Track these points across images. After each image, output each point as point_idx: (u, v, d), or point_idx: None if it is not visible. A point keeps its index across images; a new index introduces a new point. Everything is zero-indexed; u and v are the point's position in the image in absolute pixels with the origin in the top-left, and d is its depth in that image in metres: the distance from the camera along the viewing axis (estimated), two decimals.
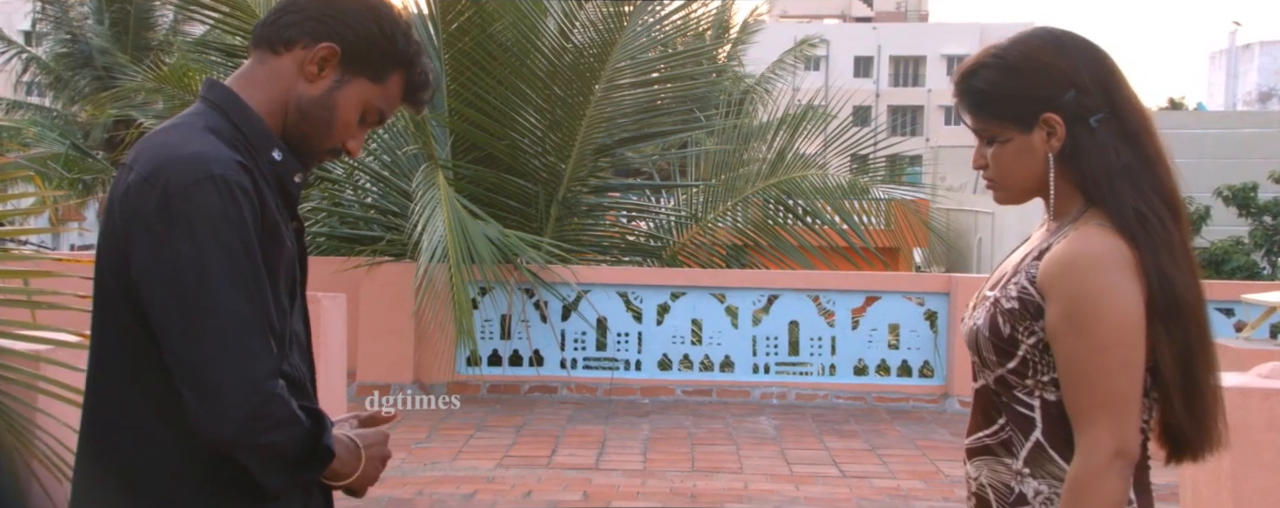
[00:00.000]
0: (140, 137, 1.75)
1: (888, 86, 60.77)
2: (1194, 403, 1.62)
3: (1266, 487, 3.40)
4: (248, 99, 1.59)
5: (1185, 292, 1.59)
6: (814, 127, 10.77)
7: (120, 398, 1.56)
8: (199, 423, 1.46)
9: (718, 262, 10.38)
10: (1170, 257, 1.58)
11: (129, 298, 1.50)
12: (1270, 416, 3.41)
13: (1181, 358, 1.59)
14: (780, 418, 7.80)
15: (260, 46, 1.62)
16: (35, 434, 2.90)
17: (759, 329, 8.67)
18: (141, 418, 1.54)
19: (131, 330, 1.52)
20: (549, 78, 9.22)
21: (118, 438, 1.56)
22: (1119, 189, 1.59)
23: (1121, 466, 1.57)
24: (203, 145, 1.50)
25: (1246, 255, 14.81)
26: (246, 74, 1.63)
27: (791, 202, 10.49)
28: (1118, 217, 1.59)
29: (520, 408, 7.97)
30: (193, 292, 1.44)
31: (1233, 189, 15.04)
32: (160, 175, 1.46)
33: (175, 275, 1.44)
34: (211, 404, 1.44)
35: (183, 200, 1.44)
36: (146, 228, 1.46)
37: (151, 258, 1.46)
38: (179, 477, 1.53)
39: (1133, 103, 1.64)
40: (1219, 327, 8.43)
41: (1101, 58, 1.64)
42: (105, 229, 1.53)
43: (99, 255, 1.55)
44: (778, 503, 5.46)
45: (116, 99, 12.35)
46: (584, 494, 5.58)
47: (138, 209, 1.46)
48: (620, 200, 11.58)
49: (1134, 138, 1.61)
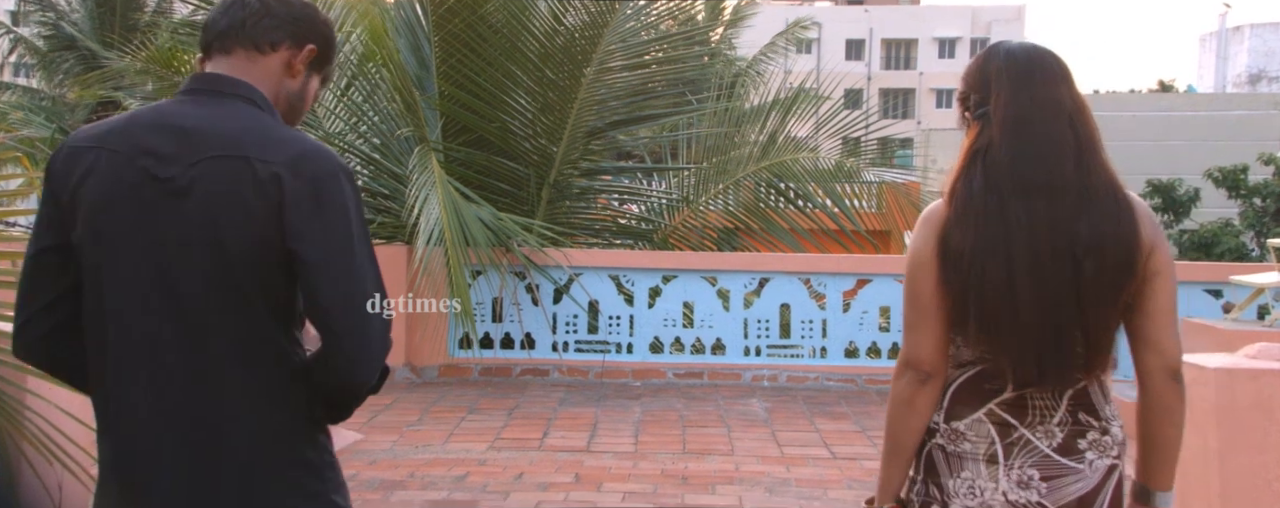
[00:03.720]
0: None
1: (879, 69, 60.74)
2: (980, 330, 1.94)
3: (1253, 466, 3.42)
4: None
5: (960, 246, 1.95)
6: (805, 110, 10.75)
7: (231, 379, 1.73)
8: (346, 370, 1.72)
9: (709, 245, 10.38)
10: (961, 218, 1.95)
11: (263, 272, 1.71)
12: (1258, 396, 3.43)
13: (962, 297, 1.94)
14: (771, 400, 7.82)
15: (245, 45, 1.82)
16: (25, 415, 2.90)
17: (750, 312, 8.69)
18: (253, 393, 1.74)
19: (254, 307, 1.72)
20: (540, 60, 9.19)
21: (232, 417, 1.74)
22: (967, 165, 2.00)
23: (907, 372, 2.01)
24: (309, 139, 1.79)
25: (1236, 237, 14.87)
26: (244, 71, 1.82)
27: (783, 185, 10.49)
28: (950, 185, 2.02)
29: (512, 391, 7.98)
30: (348, 263, 1.71)
31: (1223, 171, 15.09)
32: (304, 167, 1.71)
33: (338, 248, 1.70)
34: (363, 353, 1.71)
35: (329, 188, 1.71)
36: (301, 206, 1.69)
37: (311, 235, 1.69)
38: (284, 439, 1.77)
39: (1000, 100, 1.99)
40: (1207, 308, 8.47)
41: (983, 67, 2.05)
42: (226, 216, 1.69)
43: (218, 239, 1.70)
44: (769, 485, 5.48)
45: (103, 80, 12.27)
46: (576, 477, 5.59)
47: (290, 192, 1.69)
48: (612, 183, 11.56)
49: (997, 130, 1.98)
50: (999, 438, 1.97)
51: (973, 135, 2.04)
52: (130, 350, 1.74)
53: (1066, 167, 1.95)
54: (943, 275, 1.97)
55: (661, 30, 10.64)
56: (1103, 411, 2.01)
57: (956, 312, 1.96)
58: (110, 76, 11.79)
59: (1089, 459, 1.98)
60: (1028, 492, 1.96)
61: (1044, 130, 1.96)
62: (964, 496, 1.98)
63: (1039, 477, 1.96)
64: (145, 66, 10.09)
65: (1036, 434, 1.97)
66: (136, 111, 1.83)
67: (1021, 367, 1.93)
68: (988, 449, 1.97)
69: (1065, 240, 1.93)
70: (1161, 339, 2.00)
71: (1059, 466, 1.97)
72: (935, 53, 61.39)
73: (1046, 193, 1.94)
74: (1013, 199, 1.94)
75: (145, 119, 1.78)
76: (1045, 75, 2.01)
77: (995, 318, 1.93)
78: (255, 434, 1.75)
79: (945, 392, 2.02)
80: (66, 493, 3.24)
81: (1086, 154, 1.97)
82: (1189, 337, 7.33)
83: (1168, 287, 1.99)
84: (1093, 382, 2.01)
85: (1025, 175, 1.95)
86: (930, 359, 1.99)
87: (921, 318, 1.99)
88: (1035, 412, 1.97)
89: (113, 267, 1.73)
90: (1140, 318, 2.00)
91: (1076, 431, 1.98)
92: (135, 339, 1.74)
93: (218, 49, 1.83)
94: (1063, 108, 1.99)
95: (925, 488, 2.03)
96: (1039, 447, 1.97)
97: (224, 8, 1.84)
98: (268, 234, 1.69)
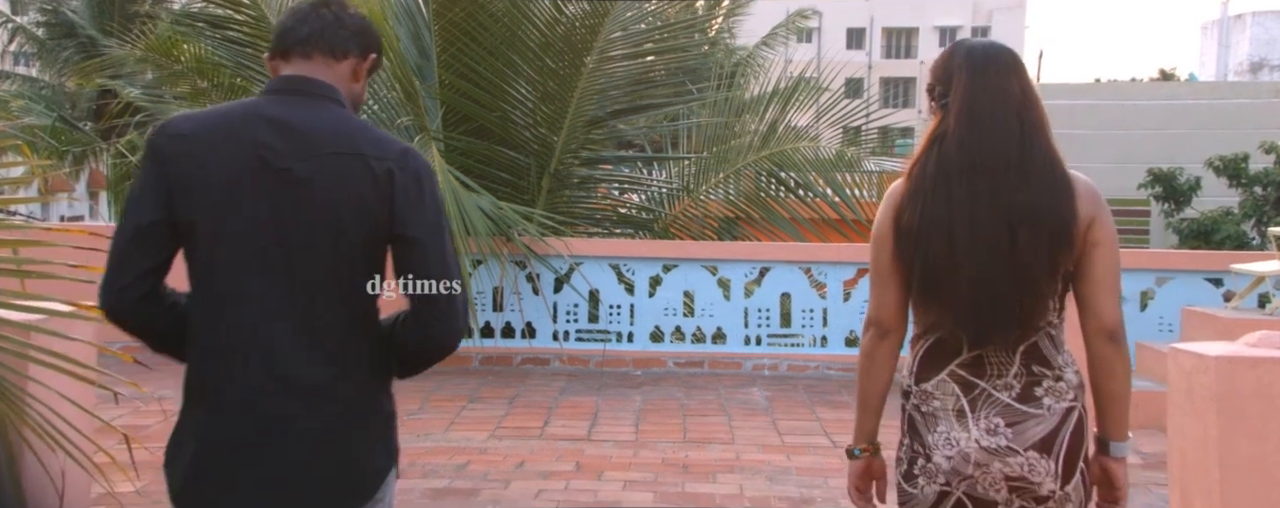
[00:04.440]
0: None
1: (880, 58, 60.63)
2: (929, 296, 2.22)
3: (1253, 454, 3.43)
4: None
5: (909, 221, 2.20)
6: (806, 99, 10.73)
7: (333, 345, 2.00)
8: (438, 330, 2.03)
9: (710, 234, 10.37)
10: (912, 197, 2.21)
11: (368, 252, 2.00)
12: (1258, 384, 3.43)
13: (911, 266, 2.21)
14: (772, 389, 7.83)
15: (323, 52, 2.07)
16: (28, 403, 2.90)
17: (751, 301, 8.69)
18: (349, 358, 2.01)
19: (357, 281, 2.00)
20: (541, 49, 9.17)
21: (333, 379, 1.99)
22: (926, 149, 2.24)
23: (870, 329, 2.30)
24: (399, 139, 2.08)
25: (1236, 225, 14.85)
26: (323, 74, 2.06)
27: (783, 174, 10.47)
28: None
29: (513, 380, 7.99)
30: (441, 243, 2.02)
31: (1224, 160, 15.05)
32: (410, 163, 2.01)
33: (438, 234, 2.02)
34: (453, 316, 2.02)
35: (429, 181, 2.03)
36: (408, 198, 1.99)
37: (414, 219, 1.99)
38: (371, 395, 2.06)
39: (957, 91, 2.22)
40: (1208, 296, 8.47)
41: (947, 62, 2.28)
42: (345, 205, 1.96)
43: (338, 223, 1.96)
44: (769, 473, 5.49)
45: (103, 69, 12.26)
46: (576, 465, 5.60)
47: (399, 185, 1.98)
48: (612, 173, 11.55)
49: (953, 116, 2.21)
50: (963, 394, 2.22)
51: (935, 122, 2.26)
52: (242, 320, 1.96)
53: (1010, 148, 2.17)
54: (896, 248, 2.23)
55: (662, 19, 10.62)
56: (1054, 360, 2.22)
57: (908, 279, 2.23)
58: (109, 65, 11.78)
59: (1047, 404, 2.19)
60: (996, 438, 2.18)
61: (991, 115, 2.19)
62: (943, 447, 2.23)
63: (1004, 424, 2.18)
64: (145, 55, 10.08)
65: (996, 387, 2.20)
66: (229, 106, 2.04)
67: (964, 328, 2.18)
68: (955, 405, 2.22)
69: (1002, 213, 2.14)
70: (1100, 304, 2.19)
71: (1020, 412, 2.18)
72: (936, 41, 61.23)
73: (989, 172, 2.16)
74: (958, 178, 2.17)
75: (250, 113, 2.00)
76: (997, 68, 2.22)
77: (938, 285, 2.19)
78: (351, 393, 2.01)
79: (914, 359, 2.29)
80: (69, 480, 3.25)
81: (1030, 136, 2.18)
82: (1189, 325, 7.34)
83: (1107, 257, 2.19)
84: (1041, 337, 2.21)
85: (972, 156, 2.18)
86: (889, 319, 2.28)
87: (881, 284, 2.28)
88: (992, 368, 2.21)
89: (230, 244, 1.95)
90: (1081, 285, 2.20)
91: (1032, 381, 2.20)
92: (248, 309, 1.96)
93: (299, 53, 2.07)
94: (1011, 96, 2.20)
95: (911, 446, 2.29)
96: (1000, 398, 2.20)
97: (302, 17, 2.08)
98: (379, 219, 1.97)
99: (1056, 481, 2.18)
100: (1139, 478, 5.56)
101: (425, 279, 2.00)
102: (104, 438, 3.20)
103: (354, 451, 2.02)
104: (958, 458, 2.20)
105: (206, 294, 1.99)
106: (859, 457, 2.42)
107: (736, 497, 5.06)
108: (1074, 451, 2.20)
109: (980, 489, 2.22)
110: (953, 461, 2.21)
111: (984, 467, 2.19)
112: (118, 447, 3.17)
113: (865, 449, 2.41)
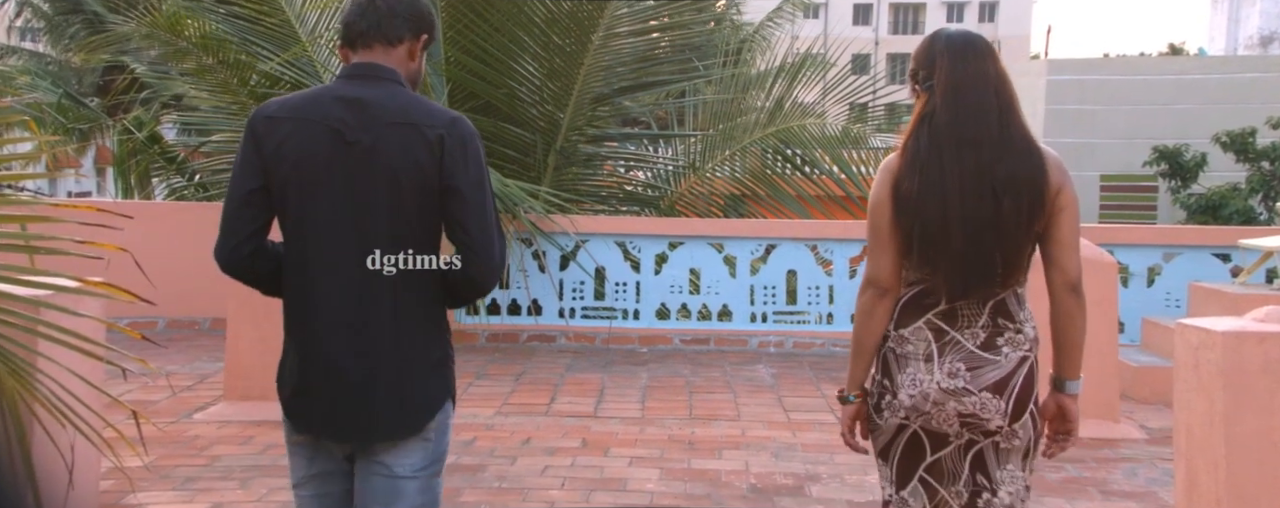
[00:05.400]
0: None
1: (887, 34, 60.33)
2: (924, 256, 2.48)
3: (1259, 429, 3.43)
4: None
5: (908, 191, 2.47)
6: (812, 75, 10.69)
7: (397, 284, 2.36)
8: (479, 273, 2.37)
9: (716, 211, 10.36)
10: (909, 169, 2.48)
11: (423, 206, 2.34)
12: (1265, 359, 3.43)
13: (909, 230, 2.48)
14: (778, 366, 7.85)
15: (381, 41, 2.43)
16: (36, 378, 2.92)
17: (757, 278, 8.69)
18: (411, 297, 2.37)
19: (415, 232, 2.36)
20: (547, 25, 9.13)
21: (398, 311, 2.36)
22: (917, 126, 2.52)
23: (869, 289, 2.56)
24: (449, 109, 2.43)
25: (1244, 201, 14.78)
26: (384, 59, 2.43)
27: (790, 151, 10.44)
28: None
29: (519, 357, 8.01)
30: (483, 198, 2.36)
31: (1231, 135, 14.95)
32: (457, 130, 2.36)
33: (480, 189, 2.36)
34: (493, 261, 2.37)
35: (473, 144, 2.37)
36: (456, 158, 2.34)
37: (460, 176, 2.34)
38: (438, 334, 2.45)
39: (941, 74, 2.50)
40: (1215, 272, 8.46)
41: (929, 49, 2.56)
42: (403, 168, 2.32)
43: (396, 182, 2.32)
44: (775, 450, 5.51)
45: (109, 44, 12.24)
46: (583, 442, 5.62)
47: (448, 148, 2.34)
48: (618, 150, 11.52)
49: (939, 97, 2.49)
50: (934, 340, 2.51)
51: (922, 103, 2.54)
52: (324, 265, 2.35)
53: (991, 124, 2.47)
54: (895, 214, 2.50)
55: None
56: (1017, 316, 2.52)
57: (905, 242, 2.50)
58: (115, 41, 11.76)
59: (1005, 352, 2.50)
60: (956, 380, 2.48)
61: (974, 96, 2.48)
62: (908, 386, 2.52)
63: (965, 368, 2.48)
64: (150, 31, 10.05)
65: (964, 336, 2.50)
66: (315, 90, 2.44)
67: (953, 284, 2.47)
68: (925, 350, 2.52)
69: (987, 182, 2.44)
70: (1065, 260, 2.50)
71: (981, 358, 2.49)
72: (943, 17, 60.92)
73: (974, 145, 2.45)
74: (949, 151, 2.46)
75: (326, 96, 2.39)
76: (976, 53, 2.52)
77: (933, 246, 2.46)
78: (415, 326, 2.39)
79: (896, 307, 2.56)
80: (78, 454, 3.27)
81: (1006, 114, 2.49)
82: (1197, 301, 7.32)
83: (1071, 220, 2.50)
84: (1009, 294, 2.52)
85: (960, 132, 2.47)
86: (887, 279, 2.54)
87: (880, 247, 2.54)
88: (963, 319, 2.51)
89: (314, 204, 2.34)
90: (1049, 244, 2.51)
91: (996, 331, 2.50)
92: (328, 256, 2.35)
93: (362, 44, 2.44)
94: (989, 79, 2.50)
95: (881, 383, 2.60)
96: (966, 346, 2.50)
97: (361, 12, 2.44)
98: (430, 178, 2.33)
99: (1005, 418, 2.49)
100: (1144, 453, 5.57)
101: (467, 229, 2.35)
102: (112, 413, 3.23)
103: (408, 386, 2.38)
104: (918, 397, 2.50)
105: (295, 247, 2.38)
106: (852, 402, 2.68)
107: (742, 473, 5.07)
108: (1025, 393, 2.50)
109: (934, 424, 2.53)
110: (914, 399, 2.51)
111: (940, 405, 2.50)
112: (126, 422, 3.18)
113: (858, 395, 2.67)
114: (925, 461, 2.58)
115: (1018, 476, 2.56)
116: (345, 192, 2.33)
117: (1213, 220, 14.27)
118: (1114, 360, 5.93)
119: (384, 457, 2.39)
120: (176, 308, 8.67)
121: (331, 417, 2.38)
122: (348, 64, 2.44)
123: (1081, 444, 5.71)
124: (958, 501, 2.57)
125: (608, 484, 4.86)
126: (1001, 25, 61.17)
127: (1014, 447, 2.54)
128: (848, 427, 2.71)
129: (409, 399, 2.38)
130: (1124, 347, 7.14)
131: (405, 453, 2.39)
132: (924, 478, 2.58)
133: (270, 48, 10.05)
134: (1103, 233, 8.98)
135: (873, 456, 2.70)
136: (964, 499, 2.56)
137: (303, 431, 2.43)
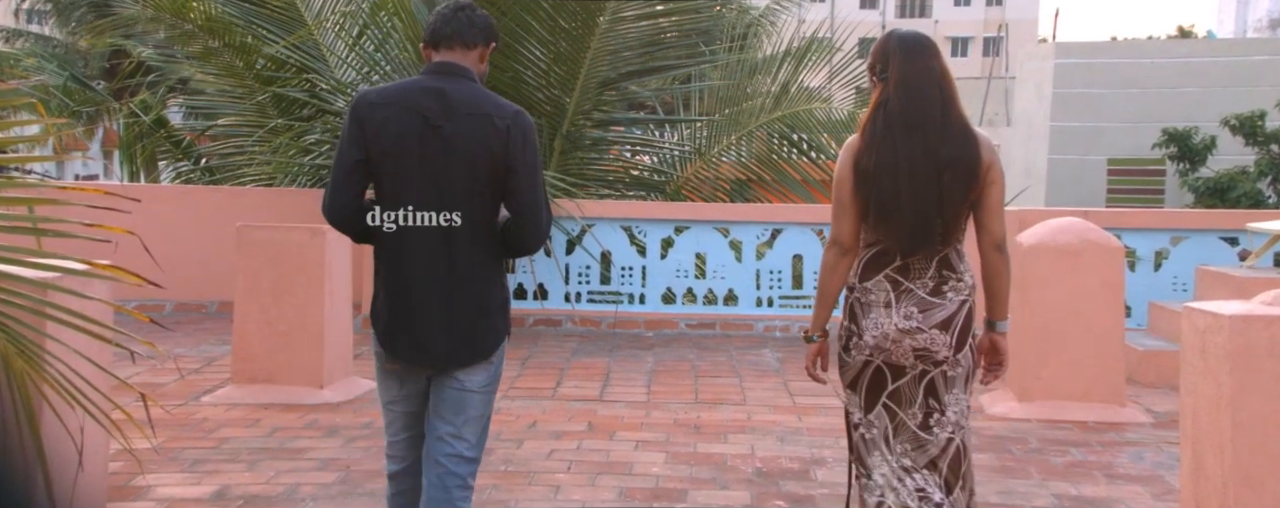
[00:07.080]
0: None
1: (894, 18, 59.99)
2: (879, 221, 3.03)
3: (1266, 413, 3.42)
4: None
5: (866, 166, 3.02)
6: (819, 60, 10.65)
7: (471, 243, 2.91)
8: (530, 239, 2.97)
9: (722, 196, 10.35)
10: (867, 148, 3.03)
11: (492, 181, 2.89)
12: (1272, 343, 3.42)
13: (867, 200, 3.03)
14: (783, 350, 7.85)
15: (461, 44, 2.97)
16: (45, 360, 2.93)
17: (763, 263, 8.69)
18: (479, 253, 2.94)
19: (485, 202, 2.91)
20: (554, 9, 9.10)
21: (471, 265, 2.93)
22: (874, 112, 3.06)
23: (833, 247, 3.12)
24: (513, 103, 2.97)
25: (1252, 184, 14.72)
26: (462, 60, 2.96)
27: (796, 136, 10.42)
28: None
29: (525, 341, 8.02)
30: (535, 177, 2.93)
31: (1240, 118, 14.85)
32: (521, 121, 2.91)
33: (534, 170, 2.93)
34: (536, 227, 2.95)
35: (531, 135, 2.92)
36: (517, 145, 2.88)
37: (520, 159, 2.89)
38: (494, 279, 3.00)
39: (894, 69, 3.04)
40: (1223, 255, 8.43)
41: (884, 46, 3.09)
42: (477, 149, 2.86)
43: (471, 160, 2.86)
44: (780, 434, 5.52)
45: (115, 28, 12.24)
46: (589, 425, 5.64)
47: (512, 136, 2.88)
48: (625, 134, 11.50)
49: (893, 88, 3.03)
50: (892, 290, 3.06)
51: (878, 92, 3.07)
52: (412, 224, 2.88)
53: (934, 111, 3.00)
54: (856, 186, 3.04)
55: None
56: (958, 267, 3.08)
57: (863, 209, 3.04)
58: (121, 24, 11.76)
59: (949, 297, 3.06)
60: (910, 321, 3.04)
61: (921, 87, 3.01)
62: (871, 329, 3.08)
63: (918, 311, 3.04)
64: (156, 15, 10.06)
65: (916, 285, 3.06)
66: (405, 83, 2.99)
67: (902, 243, 3.01)
68: (885, 299, 3.06)
69: (932, 160, 2.98)
70: (992, 224, 3.08)
71: (929, 303, 3.05)
72: (950, 1, 60.62)
73: (922, 129, 2.99)
74: (900, 134, 2.99)
75: (415, 88, 2.92)
76: (922, 51, 3.05)
77: (887, 212, 3.00)
78: (483, 275, 2.95)
79: (859, 264, 3.11)
80: (87, 436, 3.28)
81: (948, 104, 3.03)
82: (1204, 284, 7.31)
83: (998, 191, 3.07)
84: (950, 250, 3.06)
85: (909, 118, 3.00)
86: (847, 239, 3.10)
87: (842, 213, 3.08)
88: (915, 271, 3.06)
89: (406, 175, 2.86)
90: (980, 211, 3.07)
91: (941, 281, 3.06)
92: (416, 217, 2.88)
93: (445, 46, 2.96)
94: (933, 73, 3.03)
95: (849, 327, 3.15)
96: (917, 293, 3.05)
97: (446, 19, 2.96)
98: (497, 158, 2.87)
99: (950, 350, 3.06)
100: (1150, 437, 5.57)
101: (522, 201, 2.92)
102: (120, 396, 3.23)
103: (480, 322, 2.94)
104: (880, 336, 3.06)
105: (390, 208, 2.90)
106: (816, 341, 3.28)
107: (748, 457, 5.09)
108: (965, 329, 3.07)
109: (893, 358, 3.09)
110: (877, 338, 3.06)
111: (898, 342, 3.05)
112: (134, 404, 3.19)
113: (821, 336, 3.27)
114: (887, 389, 3.12)
115: (961, 398, 3.13)
116: (430, 165, 2.86)
117: (1221, 204, 14.22)
118: (1120, 344, 5.92)
119: (458, 374, 2.96)
120: (184, 291, 8.70)
121: (423, 347, 2.93)
122: (430, 62, 2.95)
123: (1086, 428, 5.72)
124: (913, 421, 3.12)
125: (613, 468, 4.88)
126: (1009, 9, 60.86)
127: (958, 374, 3.10)
128: (811, 361, 3.30)
129: (482, 333, 2.95)
130: (1131, 331, 7.13)
131: (474, 373, 2.97)
132: (886, 403, 3.14)
133: (276, 31, 10.04)
134: (1110, 217, 8.95)
135: (842, 388, 3.24)
136: (918, 419, 3.11)
137: (394, 359, 2.97)
